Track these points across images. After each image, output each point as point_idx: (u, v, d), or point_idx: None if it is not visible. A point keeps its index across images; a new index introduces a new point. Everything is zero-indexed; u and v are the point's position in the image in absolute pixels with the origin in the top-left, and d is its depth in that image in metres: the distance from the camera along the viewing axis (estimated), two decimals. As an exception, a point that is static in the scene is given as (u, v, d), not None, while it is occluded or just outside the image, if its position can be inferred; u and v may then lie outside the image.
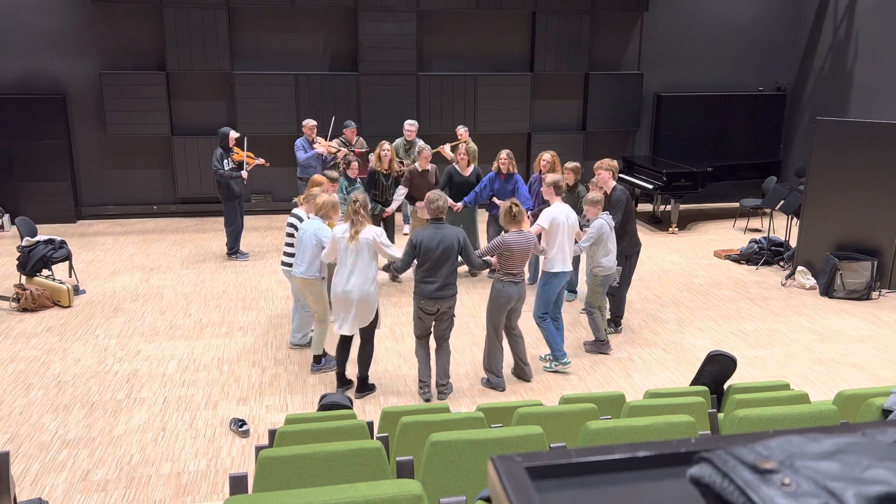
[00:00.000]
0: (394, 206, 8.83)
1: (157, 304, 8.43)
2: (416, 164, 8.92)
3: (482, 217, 9.79)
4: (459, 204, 8.68)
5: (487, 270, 8.72)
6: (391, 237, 8.84)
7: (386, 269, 6.56)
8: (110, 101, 11.50)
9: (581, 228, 7.08)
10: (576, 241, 6.86)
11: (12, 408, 6.07)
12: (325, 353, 6.80)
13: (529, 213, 8.48)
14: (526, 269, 6.86)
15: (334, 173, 7.89)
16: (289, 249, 6.92)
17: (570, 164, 8.06)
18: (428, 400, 6.25)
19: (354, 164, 8.57)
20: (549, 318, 6.77)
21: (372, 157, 9.23)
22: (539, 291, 6.75)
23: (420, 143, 9.72)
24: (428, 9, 12.17)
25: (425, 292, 6.05)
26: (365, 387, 6.39)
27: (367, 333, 6.29)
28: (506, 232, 6.31)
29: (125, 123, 11.66)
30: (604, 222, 6.87)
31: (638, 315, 8.30)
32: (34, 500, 4.45)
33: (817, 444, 0.87)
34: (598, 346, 7.25)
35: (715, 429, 4.30)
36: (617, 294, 7.60)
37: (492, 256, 6.30)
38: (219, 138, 9.61)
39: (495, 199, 8.63)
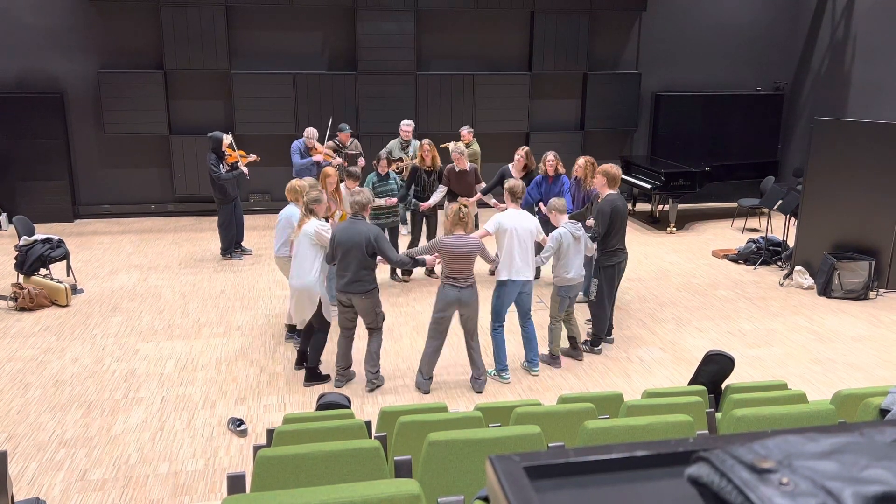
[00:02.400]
0: (433, 200, 8.89)
1: (155, 303, 8.42)
2: (454, 163, 8.95)
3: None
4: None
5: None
6: (432, 235, 9.11)
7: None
8: (108, 100, 11.49)
9: (593, 240, 6.93)
10: (540, 247, 6.69)
11: (10, 407, 6.06)
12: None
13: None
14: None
15: (356, 170, 8.06)
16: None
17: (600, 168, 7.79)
18: (339, 387, 6.46)
19: (384, 161, 8.69)
20: (502, 329, 6.62)
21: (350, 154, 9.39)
22: (492, 301, 6.57)
23: (453, 143, 9.71)
24: (426, 8, 12.17)
25: (339, 285, 6.27)
26: (314, 377, 6.53)
27: (318, 323, 6.50)
28: (447, 234, 6.23)
29: (123, 122, 11.64)
30: (565, 231, 6.59)
31: (636, 315, 8.30)
32: (32, 499, 4.45)
33: (815, 443, 0.87)
34: (550, 359, 6.98)
35: (713, 428, 4.31)
36: (595, 310, 7.20)
37: (425, 255, 6.39)
38: (211, 143, 9.55)
39: (542, 205, 8.28)
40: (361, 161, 9.69)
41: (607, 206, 6.83)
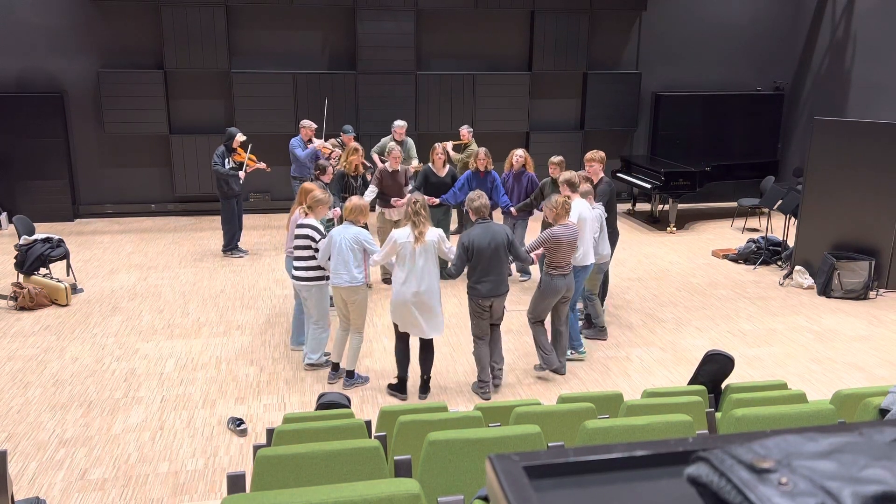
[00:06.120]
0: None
1: (155, 302, 8.42)
2: (387, 164, 8.94)
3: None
4: (437, 199, 8.78)
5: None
6: None
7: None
8: (108, 99, 11.49)
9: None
10: None
11: (10, 406, 6.06)
12: (355, 371, 6.63)
13: (509, 208, 8.64)
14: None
15: (318, 184, 7.85)
16: (307, 263, 6.43)
17: (555, 159, 8.23)
18: (487, 399, 6.24)
19: (329, 170, 8.60)
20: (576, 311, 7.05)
21: (347, 157, 9.25)
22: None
23: (391, 143, 9.74)
24: (427, 8, 12.17)
25: (483, 292, 6.05)
26: (427, 388, 6.35)
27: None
28: (553, 225, 6.35)
29: (123, 122, 11.65)
30: (600, 212, 7.09)
31: (636, 314, 8.31)
32: (32, 499, 4.45)
33: (814, 443, 0.87)
34: (598, 332, 7.46)
35: (713, 428, 4.31)
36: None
37: (539, 250, 6.36)
38: (225, 137, 9.68)
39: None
40: (341, 160, 9.62)
41: (608, 188, 7.59)
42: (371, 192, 8.69)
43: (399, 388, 6.30)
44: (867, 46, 11.79)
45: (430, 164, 9.02)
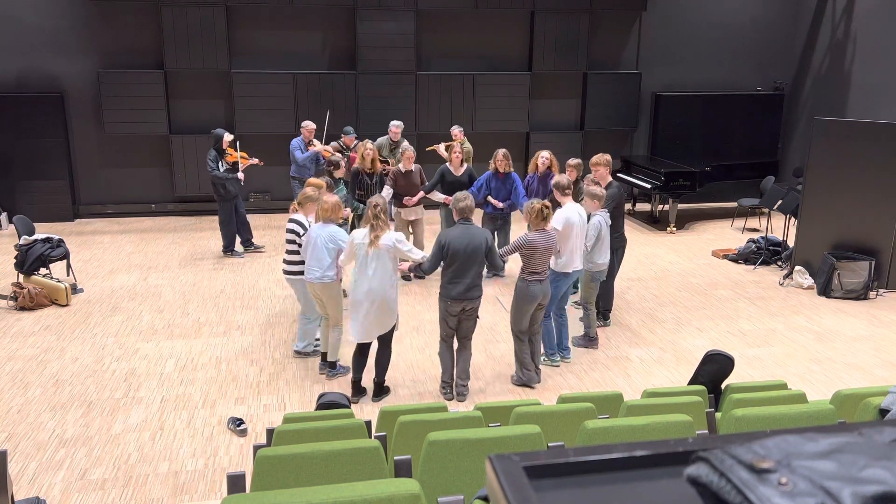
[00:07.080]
0: None
1: (155, 302, 8.42)
2: (400, 164, 8.93)
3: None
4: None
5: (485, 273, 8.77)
6: None
7: (413, 270, 6.44)
8: (108, 99, 11.49)
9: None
10: None
11: (10, 406, 6.06)
12: (337, 361, 6.71)
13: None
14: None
15: (327, 179, 7.88)
16: (292, 258, 6.68)
17: (572, 161, 8.16)
18: (449, 400, 6.24)
19: (342, 165, 8.61)
20: (552, 315, 6.89)
21: (354, 156, 9.25)
22: (553, 290, 6.74)
23: (404, 143, 9.73)
24: (427, 8, 12.17)
25: (452, 293, 6.00)
26: (381, 391, 6.35)
27: (386, 338, 6.20)
28: (529, 231, 6.30)
29: (123, 122, 11.64)
30: (601, 219, 6.95)
31: (636, 314, 8.31)
32: (32, 498, 4.45)
33: (814, 443, 0.87)
34: (587, 341, 7.36)
35: (712, 428, 4.31)
36: (607, 288, 7.75)
37: (513, 254, 6.35)
38: (212, 140, 9.61)
39: (490, 199, 8.68)
40: (356, 158, 9.63)
41: (618, 190, 7.51)
42: (387, 192, 8.70)
43: (356, 391, 6.29)
44: (867, 46, 11.79)
45: (447, 164, 9.00)
